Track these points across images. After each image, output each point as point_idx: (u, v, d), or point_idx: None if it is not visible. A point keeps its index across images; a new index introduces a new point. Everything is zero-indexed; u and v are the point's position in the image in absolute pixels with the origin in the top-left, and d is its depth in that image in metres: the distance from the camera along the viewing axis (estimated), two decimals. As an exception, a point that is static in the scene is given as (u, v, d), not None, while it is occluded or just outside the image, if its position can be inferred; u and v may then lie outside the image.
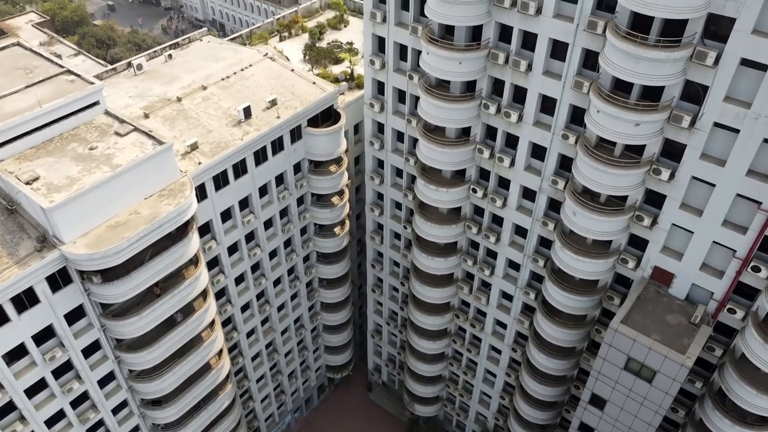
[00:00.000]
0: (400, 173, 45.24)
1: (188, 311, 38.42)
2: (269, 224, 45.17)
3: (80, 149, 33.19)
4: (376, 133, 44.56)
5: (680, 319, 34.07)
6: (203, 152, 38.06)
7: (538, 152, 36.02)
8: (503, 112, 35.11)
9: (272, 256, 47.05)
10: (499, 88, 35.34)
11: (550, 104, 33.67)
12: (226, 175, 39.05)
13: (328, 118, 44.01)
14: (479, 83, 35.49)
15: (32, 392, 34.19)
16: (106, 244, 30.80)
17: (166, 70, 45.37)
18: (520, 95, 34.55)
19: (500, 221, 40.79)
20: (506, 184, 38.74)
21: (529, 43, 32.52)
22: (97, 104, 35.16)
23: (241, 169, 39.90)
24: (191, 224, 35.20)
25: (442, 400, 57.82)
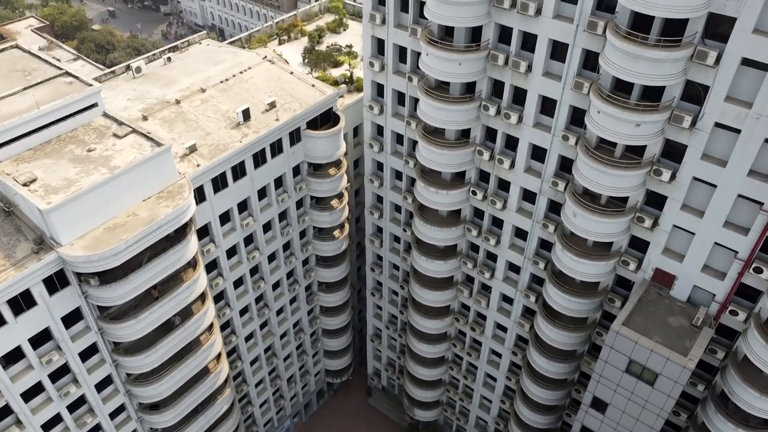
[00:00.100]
0: (399, 176, 45.09)
1: (186, 314, 38.18)
2: (268, 227, 44.97)
3: (78, 151, 33.03)
4: (375, 135, 44.44)
5: (682, 321, 33.85)
6: (202, 154, 37.91)
7: (538, 154, 35.89)
8: (503, 113, 35.00)
9: (271, 259, 46.84)
10: (498, 89, 35.23)
11: (550, 105, 33.56)
12: (224, 177, 38.90)
13: (327, 120, 43.89)
14: (479, 84, 35.39)
15: (29, 396, 33.90)
16: (103, 246, 30.62)
17: (164, 73, 45.25)
18: (520, 96, 34.45)
19: (500, 223, 40.62)
20: (506, 186, 38.58)
21: (528, 44, 32.45)
22: (95, 106, 35.07)
23: (239, 171, 39.75)
24: (189, 226, 35.03)
25: (442, 404, 57.50)
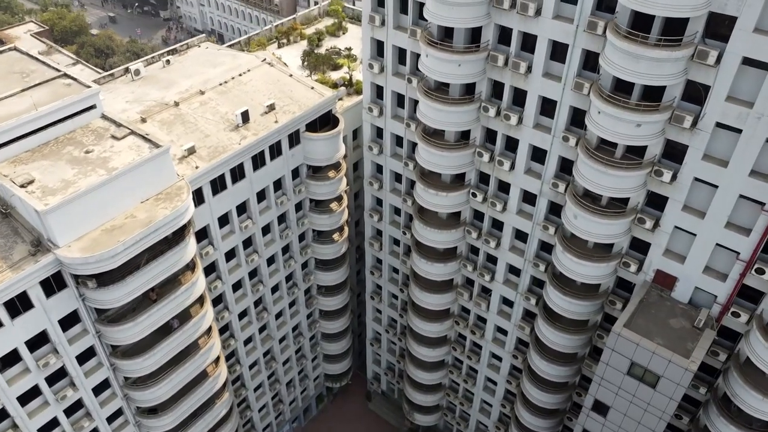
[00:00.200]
0: (399, 178, 44.93)
1: (185, 317, 37.97)
2: (267, 230, 44.76)
3: (76, 152, 32.87)
4: (374, 137, 44.31)
5: (684, 323, 33.63)
6: (200, 156, 37.75)
7: (538, 155, 35.74)
8: (503, 114, 34.87)
9: (270, 262, 46.60)
10: (498, 90, 35.11)
11: (550, 106, 33.43)
12: (223, 179, 38.72)
13: (326, 123, 43.76)
14: (479, 86, 35.27)
15: (25, 399, 33.64)
16: (101, 247, 30.43)
17: (163, 75, 45.15)
18: (519, 97, 34.32)
19: (500, 225, 40.43)
20: (506, 187, 38.42)
21: (528, 44, 32.35)
22: (93, 108, 34.93)
23: (238, 173, 39.58)
24: (188, 228, 34.86)
25: (442, 408, 57.16)
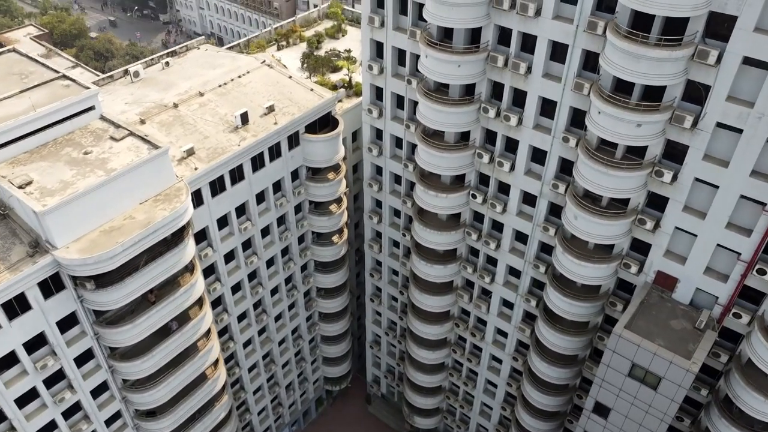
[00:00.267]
0: (398, 180, 44.82)
1: (184, 319, 37.78)
2: (266, 232, 44.63)
3: (75, 154, 32.77)
4: (374, 139, 44.21)
5: (685, 324, 33.47)
6: (200, 158, 37.64)
7: (538, 156, 35.63)
8: (503, 115, 34.78)
9: (270, 264, 46.47)
10: (498, 91, 35.03)
11: (550, 107, 33.34)
12: (222, 181, 38.61)
13: (326, 124, 43.69)
14: (478, 86, 35.19)
15: (23, 402, 33.43)
16: (99, 248, 30.29)
17: (162, 77, 45.09)
18: (519, 98, 34.23)
19: (500, 227, 40.30)
20: (506, 189, 38.31)
21: (528, 45, 32.29)
22: (92, 109, 34.88)
23: (237, 175, 39.48)
24: (187, 230, 34.73)
25: (442, 411, 56.93)
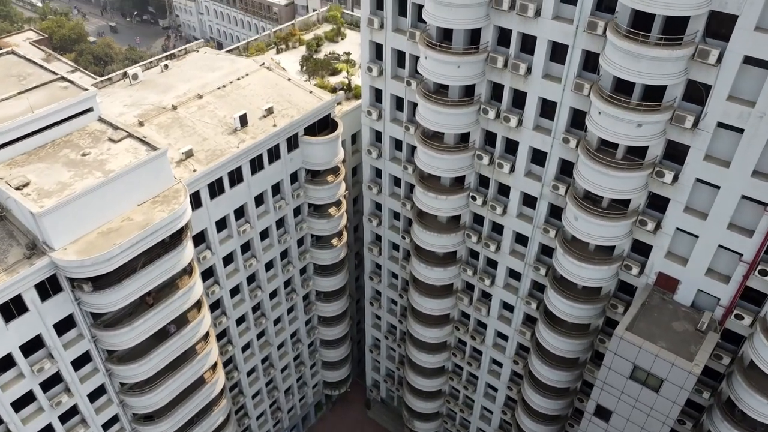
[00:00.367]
0: (398, 182, 44.66)
1: (182, 322, 37.54)
2: (265, 234, 44.42)
3: (72, 155, 32.62)
4: (373, 141, 44.08)
5: (686, 326, 33.26)
6: (198, 160, 37.47)
7: (538, 157, 35.49)
8: (502, 116, 34.66)
9: (268, 267, 46.23)
10: (498, 92, 34.92)
11: (550, 108, 33.24)
12: (221, 182, 38.43)
13: (325, 127, 43.56)
14: (478, 88, 35.08)
15: (19, 405, 33.15)
16: (97, 250, 30.08)
17: (161, 79, 44.97)
18: (519, 99, 34.12)
19: (500, 229, 40.12)
20: (506, 190, 38.15)
21: (528, 45, 32.22)
22: (90, 111, 34.76)
23: (236, 177, 39.29)
24: (185, 232, 34.55)
25: (442, 416, 56.58)
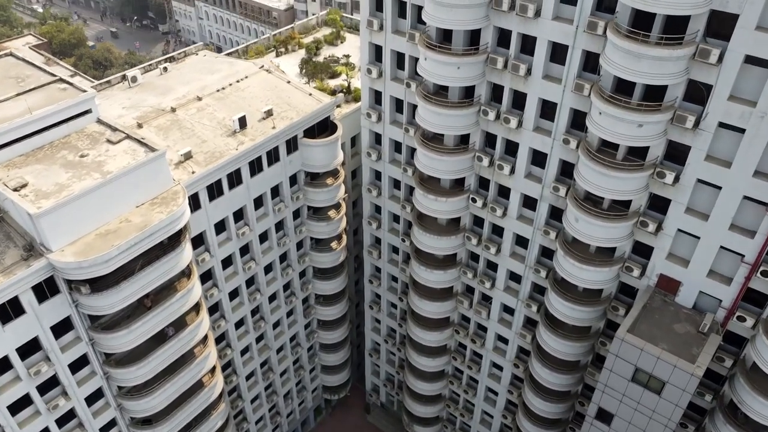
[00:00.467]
0: (397, 185, 44.51)
1: (180, 325, 37.30)
2: (264, 237, 44.22)
3: (71, 156, 32.48)
4: (373, 143, 43.95)
5: (688, 328, 33.04)
6: (197, 162, 37.32)
7: (538, 159, 35.34)
8: (502, 118, 34.53)
9: (267, 270, 46.00)
10: (498, 93, 34.82)
11: (550, 109, 33.11)
12: (220, 185, 38.27)
13: (324, 129, 43.44)
14: (478, 89, 34.97)
15: (16, 409, 32.86)
16: (95, 252, 29.90)
17: (160, 82, 44.89)
18: (519, 100, 34.00)
19: (500, 231, 39.93)
20: (506, 192, 37.99)
21: (528, 46, 32.12)
22: (89, 112, 34.65)
23: (235, 179, 39.12)
24: (184, 234, 34.36)
25: (442, 420, 56.21)
